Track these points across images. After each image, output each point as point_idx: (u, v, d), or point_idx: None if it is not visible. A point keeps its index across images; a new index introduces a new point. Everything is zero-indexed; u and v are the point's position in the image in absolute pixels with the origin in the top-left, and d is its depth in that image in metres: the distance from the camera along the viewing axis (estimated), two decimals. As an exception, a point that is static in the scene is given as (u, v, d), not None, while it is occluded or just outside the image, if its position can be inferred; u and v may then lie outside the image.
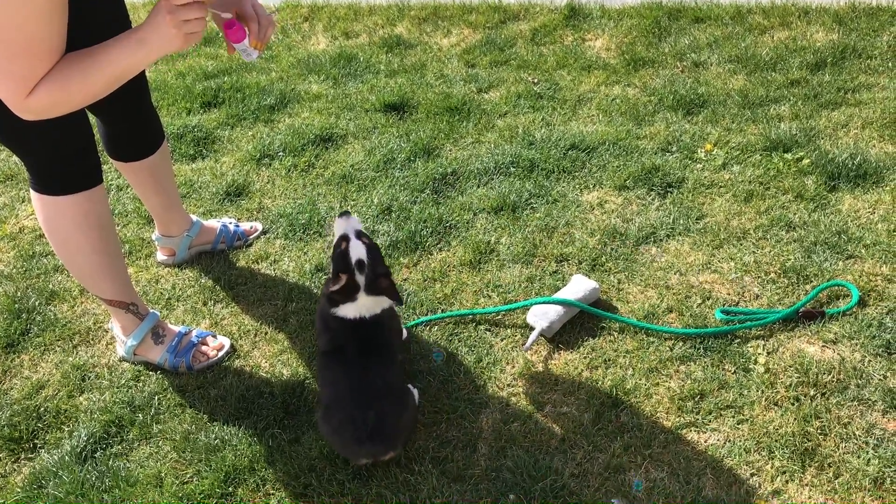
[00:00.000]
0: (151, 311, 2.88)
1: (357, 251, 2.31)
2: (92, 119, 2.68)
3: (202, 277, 3.27)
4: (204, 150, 4.28)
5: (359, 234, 2.37)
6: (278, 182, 3.90)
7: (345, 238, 2.36)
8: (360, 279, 2.30)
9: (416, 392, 2.51)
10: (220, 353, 2.85)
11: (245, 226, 3.51)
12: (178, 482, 2.41)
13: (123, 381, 2.81)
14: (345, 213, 2.45)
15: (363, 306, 2.33)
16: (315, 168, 4.00)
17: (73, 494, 2.38)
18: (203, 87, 4.94)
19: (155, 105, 4.70)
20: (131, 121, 2.93)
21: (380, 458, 2.32)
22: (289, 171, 3.98)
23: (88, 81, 1.97)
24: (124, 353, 2.86)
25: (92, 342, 3.01)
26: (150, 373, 2.83)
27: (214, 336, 2.91)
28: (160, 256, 3.39)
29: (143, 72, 2.88)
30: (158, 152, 3.03)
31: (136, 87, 2.82)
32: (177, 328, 2.89)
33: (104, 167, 3.65)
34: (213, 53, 5.65)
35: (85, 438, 2.58)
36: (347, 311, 2.33)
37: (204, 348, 2.84)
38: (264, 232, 3.53)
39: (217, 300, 3.15)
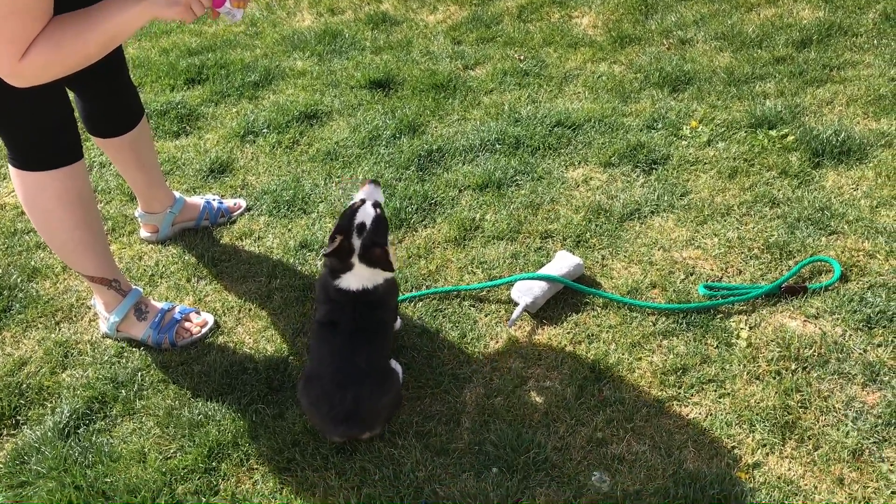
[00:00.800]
0: (134, 287, 2.86)
1: (364, 215, 2.32)
2: (71, 96, 2.65)
3: (186, 254, 3.25)
4: (188, 127, 4.24)
5: (375, 204, 2.38)
6: (262, 159, 3.88)
7: (360, 202, 2.36)
8: (356, 243, 2.30)
9: (399, 369, 2.51)
10: (204, 330, 2.84)
11: (229, 202, 3.49)
12: (161, 457, 2.41)
13: (106, 358, 2.80)
14: (374, 182, 2.47)
15: (362, 276, 2.33)
16: (300, 145, 3.97)
17: (55, 470, 2.37)
18: (187, 64, 4.89)
19: (138, 82, 4.69)
20: (110, 96, 2.89)
21: (355, 438, 2.34)
22: (273, 147, 3.96)
23: (83, 41, 1.94)
24: (107, 330, 2.85)
25: (75, 319, 3.00)
26: (134, 349, 2.82)
27: (198, 312, 2.89)
28: (143, 233, 3.37)
29: (121, 46, 2.85)
30: (138, 128, 3.00)
31: (114, 62, 2.79)
32: (160, 304, 2.88)
33: (86, 144, 3.62)
34: (197, 30, 5.59)
35: (68, 414, 2.57)
36: (349, 282, 2.33)
37: (187, 324, 2.83)
38: (248, 209, 3.51)
39: (201, 277, 3.14)
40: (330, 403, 2.23)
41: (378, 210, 2.37)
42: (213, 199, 3.44)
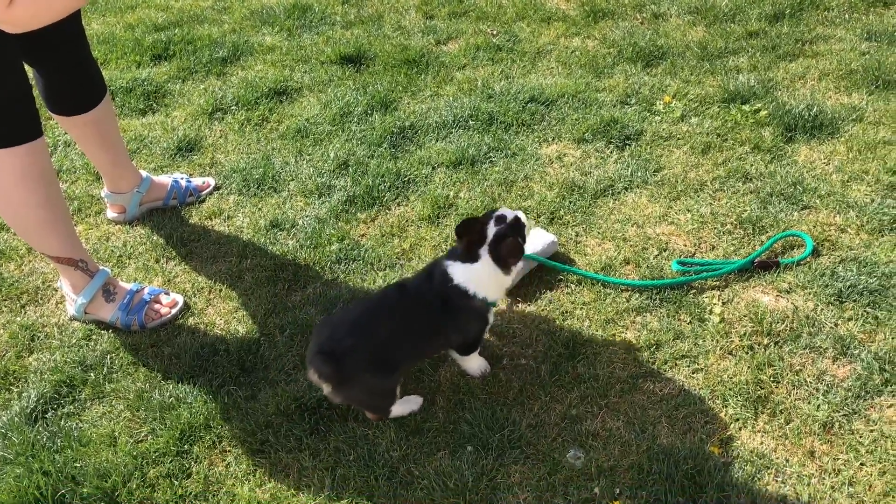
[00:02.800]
0: (102, 268, 2.81)
1: (507, 212, 2.31)
2: (30, 73, 2.58)
3: (154, 234, 3.20)
4: (154, 105, 4.16)
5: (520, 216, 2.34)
6: (231, 137, 3.81)
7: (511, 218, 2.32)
8: (490, 230, 2.26)
9: (414, 407, 2.39)
10: (174, 311, 2.79)
11: (197, 181, 3.43)
12: (132, 441, 2.38)
13: (74, 341, 2.75)
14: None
15: (473, 275, 2.25)
16: (269, 122, 3.91)
17: (23, 456, 2.33)
18: (153, 40, 4.78)
19: (103, 58, 4.58)
20: (70, 71, 2.82)
21: (320, 381, 2.21)
22: (242, 125, 3.89)
23: None
24: (75, 312, 2.79)
25: (41, 301, 2.94)
26: (102, 331, 2.77)
27: (167, 293, 2.85)
28: (110, 214, 3.30)
29: (80, 20, 2.78)
30: (101, 105, 2.93)
31: (73, 35, 2.72)
32: (128, 286, 2.82)
33: (49, 123, 3.53)
34: (163, 4, 5.47)
35: (35, 399, 2.52)
36: (457, 270, 2.26)
37: (157, 306, 2.79)
38: (217, 188, 3.46)
39: (169, 257, 3.09)
40: (330, 335, 2.18)
41: (522, 219, 2.33)
42: (182, 178, 3.38)
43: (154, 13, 5.30)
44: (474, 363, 2.46)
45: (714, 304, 2.64)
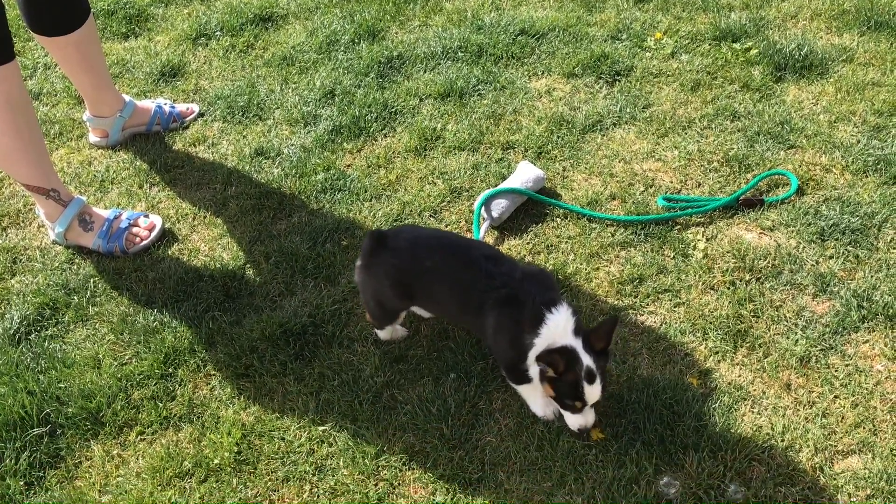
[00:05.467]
0: (77, 196, 2.76)
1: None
2: None
3: (137, 160, 3.16)
4: (137, 29, 4.06)
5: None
6: (216, 63, 3.74)
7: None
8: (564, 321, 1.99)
9: (398, 333, 2.38)
10: (154, 233, 2.76)
11: (181, 107, 3.37)
12: (116, 363, 2.39)
13: (57, 264, 2.73)
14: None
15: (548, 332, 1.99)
16: (254, 49, 3.83)
17: (6, 375, 2.34)
18: (134, -38, 4.64)
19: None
20: None
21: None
22: (227, 51, 3.81)
23: None
24: (56, 238, 2.77)
25: (22, 224, 2.91)
26: (85, 255, 2.76)
27: (146, 216, 2.82)
28: (92, 138, 3.25)
29: None
30: (84, 27, 2.85)
31: None
32: (105, 213, 2.78)
33: (29, 45, 3.44)
34: (144, -75, 5.29)
35: (17, 321, 2.52)
36: (555, 317, 1.99)
37: (136, 230, 2.75)
38: (201, 114, 3.40)
39: (153, 183, 3.05)
40: (400, 232, 2.21)
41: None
42: (165, 104, 3.32)
43: (135, -66, 5.12)
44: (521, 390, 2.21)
45: (698, 240, 2.65)
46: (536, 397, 2.16)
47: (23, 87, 2.51)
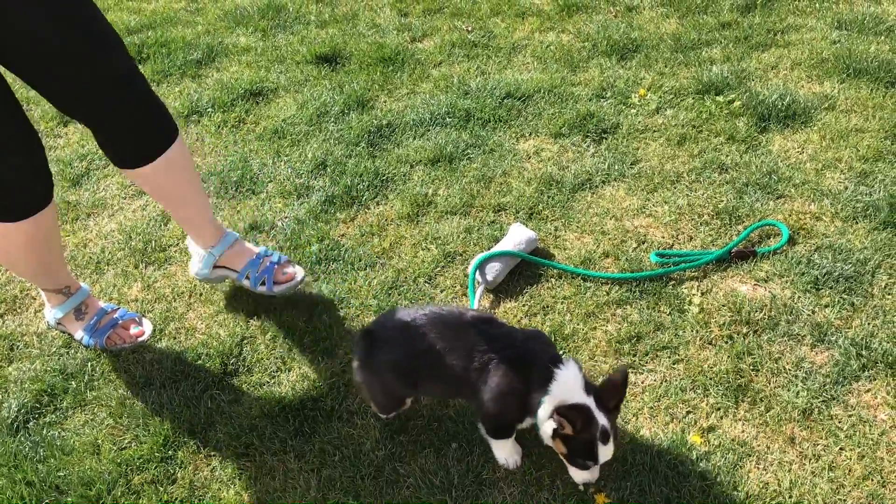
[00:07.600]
0: (83, 286, 2.74)
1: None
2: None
3: (132, 240, 3.18)
4: (129, 109, 4.12)
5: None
6: (208, 139, 3.79)
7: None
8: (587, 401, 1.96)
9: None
10: (138, 341, 2.69)
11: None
12: (115, 448, 2.37)
13: (54, 349, 2.73)
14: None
15: (559, 387, 1.97)
16: (246, 123, 3.89)
17: (5, 467, 2.31)
18: (126, 43, 4.72)
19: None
20: (123, 120, 2.34)
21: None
22: (218, 127, 3.87)
23: None
24: (50, 321, 2.77)
25: (19, 311, 2.91)
26: (82, 339, 2.75)
27: (139, 322, 2.74)
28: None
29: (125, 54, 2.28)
30: (168, 153, 2.45)
31: (117, 78, 2.25)
32: (101, 304, 2.77)
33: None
34: (136, 7, 5.42)
35: (16, 409, 2.50)
36: (564, 374, 1.98)
37: (122, 332, 2.69)
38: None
39: (149, 262, 3.07)
40: (385, 321, 2.21)
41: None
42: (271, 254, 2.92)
43: (126, 16, 5.25)
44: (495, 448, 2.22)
45: (693, 294, 2.66)
46: (507, 447, 2.18)
47: (56, 221, 2.46)
